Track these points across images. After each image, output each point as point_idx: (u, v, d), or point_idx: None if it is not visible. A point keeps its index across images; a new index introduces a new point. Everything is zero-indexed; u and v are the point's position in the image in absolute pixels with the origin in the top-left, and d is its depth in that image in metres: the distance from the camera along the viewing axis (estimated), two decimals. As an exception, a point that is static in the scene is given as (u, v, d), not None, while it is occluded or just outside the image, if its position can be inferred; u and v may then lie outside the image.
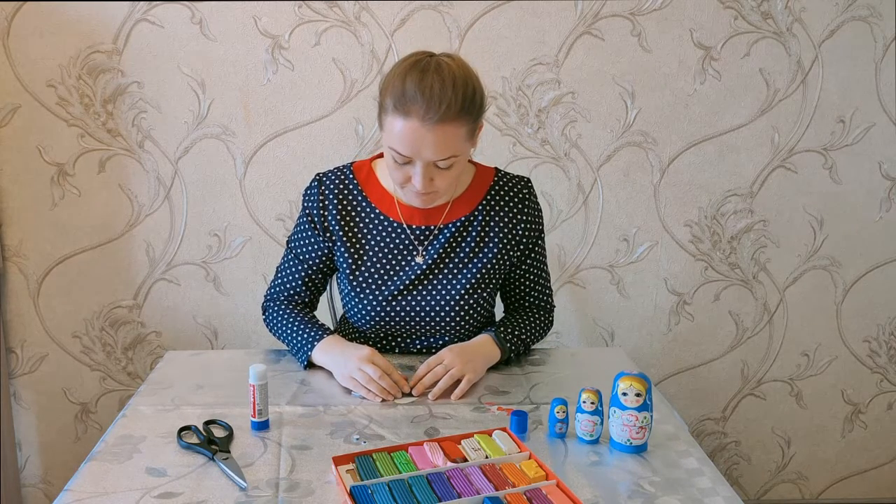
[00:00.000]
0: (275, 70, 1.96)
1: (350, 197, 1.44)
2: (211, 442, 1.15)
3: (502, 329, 1.46)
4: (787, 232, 2.16)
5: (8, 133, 1.97)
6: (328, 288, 1.84)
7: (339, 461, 1.08)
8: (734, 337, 2.26)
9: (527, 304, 1.56)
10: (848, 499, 2.44)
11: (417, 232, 1.43)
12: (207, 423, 1.21)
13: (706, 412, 2.33)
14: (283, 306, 1.51)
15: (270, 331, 1.53)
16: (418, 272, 1.42)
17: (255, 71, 1.96)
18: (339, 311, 1.81)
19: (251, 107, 1.99)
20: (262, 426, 1.20)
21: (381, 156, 1.47)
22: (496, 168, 1.48)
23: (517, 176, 1.48)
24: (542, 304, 1.57)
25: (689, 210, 2.13)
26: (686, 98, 2.04)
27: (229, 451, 1.13)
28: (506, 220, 1.44)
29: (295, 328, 1.46)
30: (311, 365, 1.44)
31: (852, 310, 2.25)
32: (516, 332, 1.47)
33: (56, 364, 2.15)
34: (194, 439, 1.16)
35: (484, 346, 1.42)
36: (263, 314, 1.56)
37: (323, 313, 1.74)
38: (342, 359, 1.37)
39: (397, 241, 1.43)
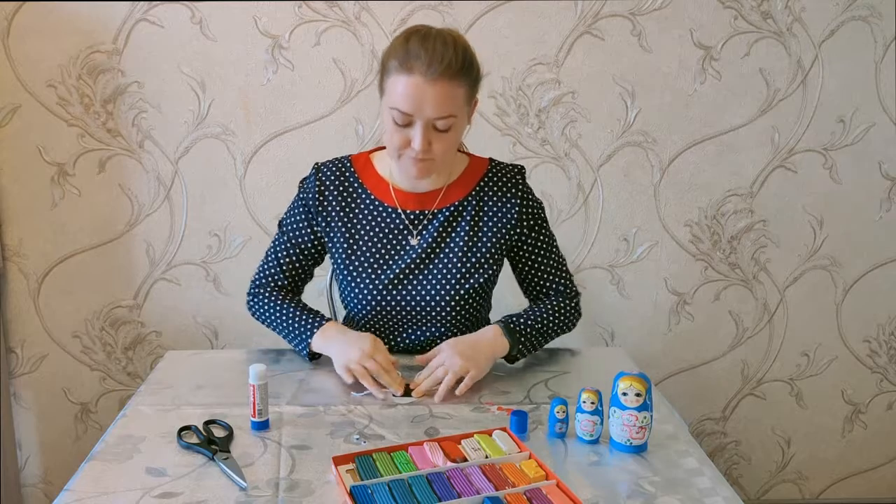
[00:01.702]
0: (275, 70, 1.96)
1: (346, 184, 1.46)
2: (211, 442, 1.15)
3: (514, 317, 1.44)
4: (787, 232, 2.16)
5: (8, 133, 1.97)
6: (328, 288, 1.84)
7: (339, 461, 1.08)
8: (734, 337, 2.26)
9: (543, 290, 1.54)
10: (848, 499, 2.43)
11: (412, 216, 1.44)
12: (207, 423, 1.21)
13: (706, 412, 2.33)
14: (274, 293, 1.50)
15: (259, 317, 1.51)
16: (413, 256, 1.43)
17: (255, 71, 1.96)
18: (340, 313, 1.80)
19: (251, 107, 1.99)
20: (262, 426, 1.20)
21: (378, 149, 1.50)
22: (490, 158, 1.50)
23: (510, 164, 1.50)
24: (560, 288, 1.54)
25: (689, 210, 2.13)
26: (686, 98, 2.04)
27: (229, 451, 1.13)
28: (499, 204, 1.45)
29: (292, 315, 1.45)
30: (313, 356, 1.44)
31: (852, 310, 2.25)
32: (529, 321, 1.45)
33: (56, 364, 2.15)
34: (194, 439, 1.16)
35: (486, 337, 1.40)
36: (252, 300, 1.53)
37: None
38: (345, 345, 1.36)
39: (392, 225, 1.44)
